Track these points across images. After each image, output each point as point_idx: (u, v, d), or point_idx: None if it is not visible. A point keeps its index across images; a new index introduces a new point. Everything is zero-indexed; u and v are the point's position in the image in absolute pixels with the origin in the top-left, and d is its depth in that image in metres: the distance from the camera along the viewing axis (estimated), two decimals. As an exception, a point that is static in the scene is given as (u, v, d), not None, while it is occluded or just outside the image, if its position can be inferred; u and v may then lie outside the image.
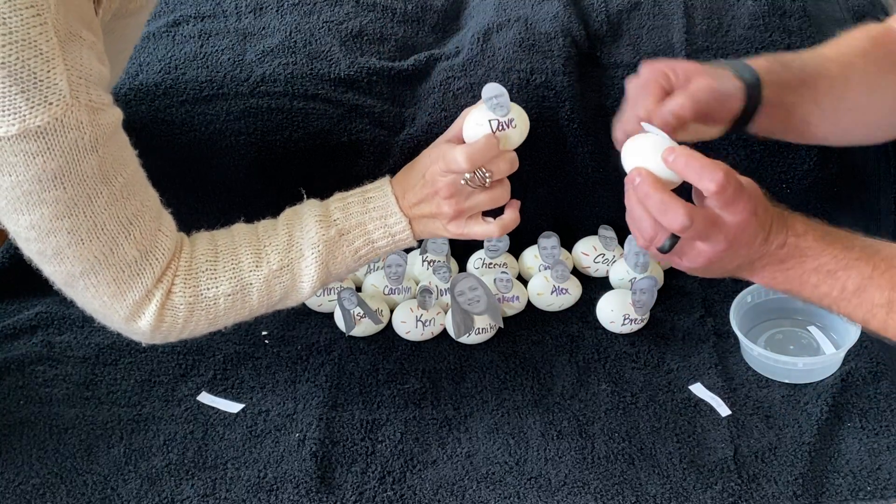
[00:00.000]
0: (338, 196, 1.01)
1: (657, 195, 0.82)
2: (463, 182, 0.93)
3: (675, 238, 0.84)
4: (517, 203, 0.99)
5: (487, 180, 0.93)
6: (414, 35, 1.49)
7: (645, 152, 0.86)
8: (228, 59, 1.39)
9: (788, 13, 1.44)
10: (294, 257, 0.97)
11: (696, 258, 0.85)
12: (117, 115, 0.87)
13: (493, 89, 0.92)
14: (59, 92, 0.79)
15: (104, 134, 0.84)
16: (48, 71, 0.78)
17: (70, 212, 0.84)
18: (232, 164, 1.34)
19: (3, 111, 0.77)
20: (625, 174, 0.87)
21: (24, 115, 0.78)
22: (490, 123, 0.94)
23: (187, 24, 1.47)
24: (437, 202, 0.96)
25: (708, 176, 0.81)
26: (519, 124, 0.95)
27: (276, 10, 1.49)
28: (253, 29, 1.45)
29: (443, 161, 0.94)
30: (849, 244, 0.86)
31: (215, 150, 1.33)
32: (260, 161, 1.33)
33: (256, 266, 0.96)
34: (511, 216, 0.98)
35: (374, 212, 0.98)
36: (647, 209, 0.83)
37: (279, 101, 1.34)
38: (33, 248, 0.88)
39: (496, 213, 0.99)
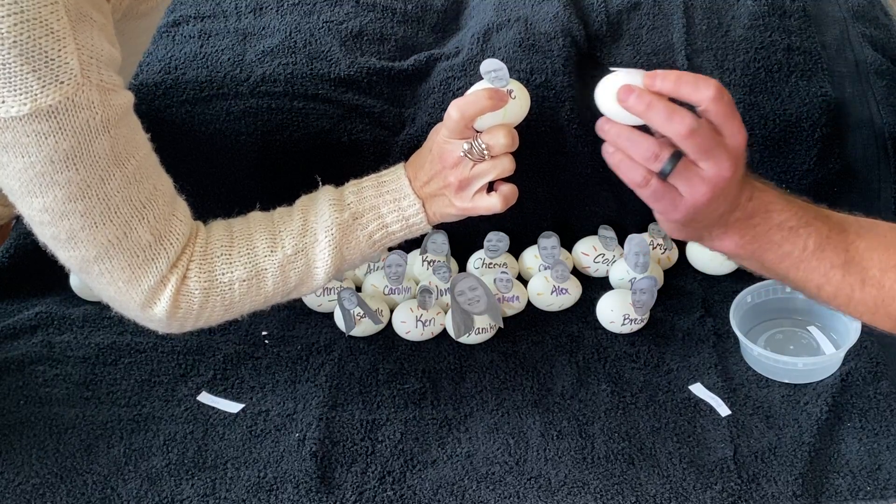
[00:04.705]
0: (353, 181, 1.01)
1: (663, 101, 0.79)
2: (462, 153, 0.93)
3: (676, 157, 0.80)
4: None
5: (486, 154, 0.93)
6: (414, 35, 1.49)
7: (623, 83, 0.83)
8: (228, 59, 1.39)
9: (788, 13, 1.44)
10: (308, 242, 0.97)
11: (699, 185, 0.80)
12: (129, 97, 0.87)
13: (491, 64, 0.92)
14: (70, 71, 0.79)
15: (116, 115, 0.84)
16: (59, 50, 0.78)
17: (83, 194, 0.84)
18: (232, 164, 1.34)
19: (15, 90, 0.77)
20: (598, 116, 0.85)
21: (36, 95, 0.78)
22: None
23: (187, 24, 1.47)
24: (444, 175, 0.95)
25: (703, 83, 0.78)
26: (519, 96, 0.94)
27: (276, 10, 1.49)
28: (253, 29, 1.45)
29: (443, 127, 0.94)
30: (802, 203, 0.85)
31: (215, 151, 1.33)
32: (260, 161, 1.33)
33: (271, 251, 0.96)
34: (509, 187, 0.96)
35: (387, 195, 0.98)
36: (649, 120, 0.80)
37: (279, 101, 1.34)
38: (47, 233, 0.88)
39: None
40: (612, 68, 0.85)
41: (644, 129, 0.83)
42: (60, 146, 0.81)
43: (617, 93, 0.81)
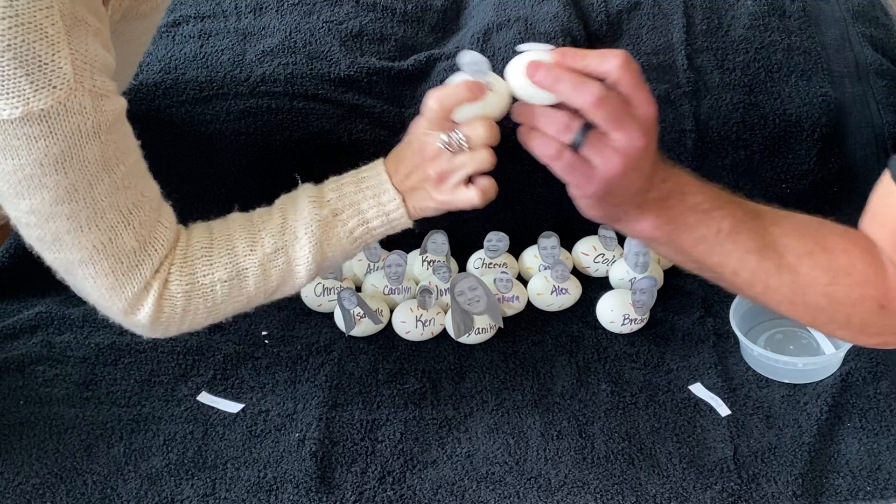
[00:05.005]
0: (333, 178, 1.00)
1: (570, 73, 0.79)
2: (440, 145, 0.92)
3: (587, 128, 0.79)
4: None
5: (464, 144, 0.92)
6: (414, 35, 1.49)
7: (531, 60, 0.82)
8: (228, 59, 1.39)
9: (788, 13, 1.44)
10: (288, 240, 0.96)
11: (612, 156, 0.79)
12: (121, 103, 0.87)
13: (469, 56, 0.92)
14: (64, 76, 0.79)
15: (107, 121, 0.84)
16: (53, 54, 0.78)
17: (70, 197, 0.84)
18: (232, 164, 1.34)
19: (8, 94, 0.77)
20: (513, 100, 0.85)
21: (28, 98, 0.78)
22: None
23: (187, 24, 1.47)
24: (424, 167, 0.94)
25: (610, 53, 0.78)
26: (499, 89, 0.94)
27: (276, 10, 1.49)
28: (253, 29, 1.45)
29: (422, 119, 0.94)
30: (715, 188, 0.84)
31: (215, 151, 1.33)
32: (260, 161, 1.33)
33: (251, 250, 0.95)
34: (486, 180, 0.95)
35: (367, 190, 0.97)
36: (557, 92, 0.80)
37: (279, 101, 1.34)
38: (33, 234, 0.88)
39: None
40: (519, 48, 0.85)
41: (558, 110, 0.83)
42: (50, 150, 0.81)
43: (525, 68, 0.81)
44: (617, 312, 1.23)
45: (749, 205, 0.85)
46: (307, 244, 0.96)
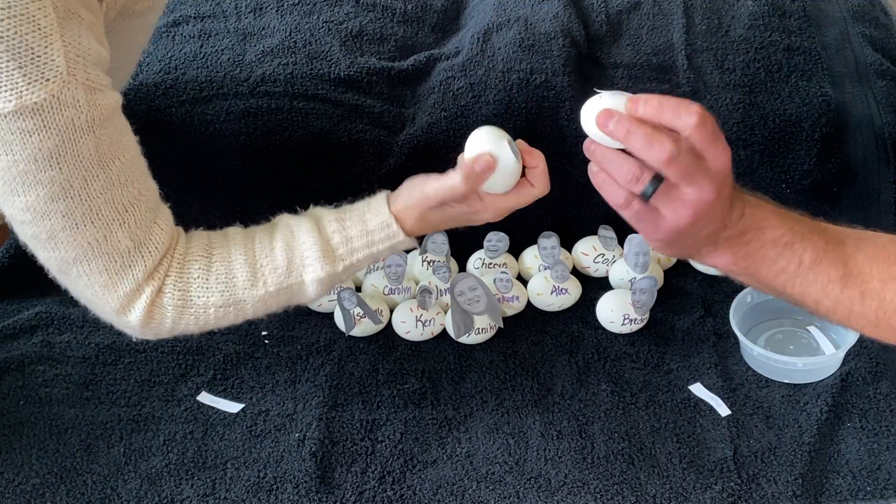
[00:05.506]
0: (336, 227, 0.97)
1: (642, 128, 0.78)
2: None
3: (658, 180, 0.79)
4: None
5: None
6: (414, 35, 1.49)
7: (608, 106, 0.82)
8: (228, 59, 1.39)
9: (788, 13, 1.44)
10: (293, 282, 0.96)
11: (681, 208, 0.79)
12: (116, 98, 0.86)
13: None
14: (57, 68, 0.79)
15: (101, 115, 0.83)
16: (46, 47, 0.78)
17: (65, 194, 0.84)
18: (232, 164, 1.34)
19: (0, 87, 0.77)
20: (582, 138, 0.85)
21: (21, 91, 0.78)
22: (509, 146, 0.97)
23: (187, 24, 1.47)
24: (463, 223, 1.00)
25: (685, 110, 0.77)
26: (516, 160, 0.99)
27: (276, 10, 1.49)
28: (253, 29, 1.46)
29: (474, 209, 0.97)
30: (798, 217, 0.84)
31: (215, 150, 1.33)
32: (260, 161, 1.33)
33: (252, 285, 0.95)
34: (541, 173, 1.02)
35: (380, 244, 0.97)
36: (629, 146, 0.79)
37: (279, 101, 1.34)
38: (28, 232, 0.87)
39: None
40: (596, 90, 0.85)
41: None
42: (44, 144, 0.81)
43: (596, 118, 0.81)
44: (617, 312, 1.23)
45: (831, 231, 0.85)
46: (314, 290, 0.97)
